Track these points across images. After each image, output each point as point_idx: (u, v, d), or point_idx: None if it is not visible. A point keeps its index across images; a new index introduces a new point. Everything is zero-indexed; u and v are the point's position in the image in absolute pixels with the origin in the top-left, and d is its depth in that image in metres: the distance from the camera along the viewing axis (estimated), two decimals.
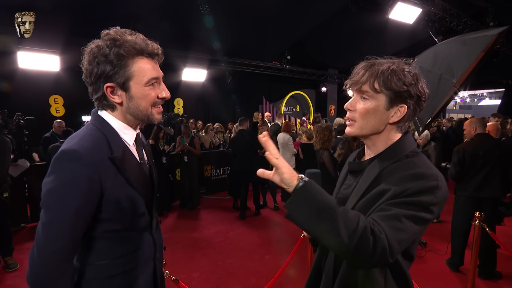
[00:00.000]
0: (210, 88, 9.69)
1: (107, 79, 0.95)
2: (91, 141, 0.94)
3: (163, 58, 1.06)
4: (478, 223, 2.62)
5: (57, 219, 0.87)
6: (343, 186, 1.04)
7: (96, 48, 0.94)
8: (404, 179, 0.82)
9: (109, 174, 0.94)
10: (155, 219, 1.14)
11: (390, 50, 9.25)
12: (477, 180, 3.07)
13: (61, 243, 0.87)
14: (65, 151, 0.89)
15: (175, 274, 1.94)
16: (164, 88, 1.04)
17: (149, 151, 1.21)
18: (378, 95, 0.89)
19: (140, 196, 1.02)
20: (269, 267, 3.27)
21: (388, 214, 0.79)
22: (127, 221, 1.01)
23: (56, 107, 7.25)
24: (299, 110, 12.36)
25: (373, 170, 0.91)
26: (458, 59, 2.68)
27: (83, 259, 0.99)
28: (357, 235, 0.73)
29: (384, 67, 0.88)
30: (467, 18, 7.54)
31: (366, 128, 0.92)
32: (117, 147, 0.98)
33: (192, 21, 6.82)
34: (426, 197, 0.80)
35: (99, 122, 1.00)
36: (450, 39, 2.96)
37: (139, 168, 1.05)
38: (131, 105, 0.99)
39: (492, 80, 12.06)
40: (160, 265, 1.19)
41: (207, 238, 4.27)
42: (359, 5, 6.73)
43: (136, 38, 0.98)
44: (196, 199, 5.58)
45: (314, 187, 0.78)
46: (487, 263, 3.10)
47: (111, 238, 1.00)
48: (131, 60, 0.96)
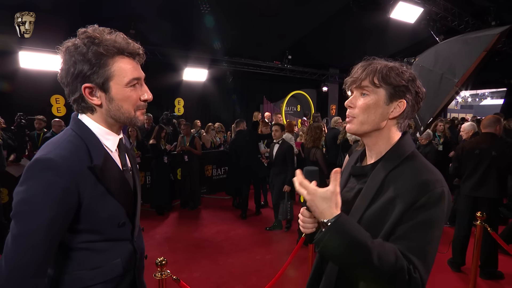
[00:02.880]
0: (211, 88, 9.68)
1: (84, 79, 0.89)
2: (69, 148, 0.88)
3: (145, 59, 1.02)
4: (480, 223, 2.61)
5: (28, 232, 0.80)
6: (345, 189, 1.03)
7: (73, 47, 0.89)
8: (412, 190, 0.82)
9: (87, 184, 0.88)
10: (137, 228, 1.09)
11: (391, 49, 9.24)
12: (473, 179, 3.07)
13: (32, 257, 0.81)
14: (39, 159, 0.83)
15: (176, 273, 1.94)
16: (146, 89, 1.00)
17: (133, 156, 1.16)
18: (378, 90, 0.90)
19: (120, 206, 0.97)
20: (270, 266, 3.27)
21: (412, 245, 0.80)
22: (106, 232, 0.96)
23: (57, 106, 7.25)
24: (300, 110, 12.34)
25: (377, 176, 0.91)
26: (459, 59, 2.68)
27: (59, 267, 0.94)
28: (393, 273, 0.76)
29: (382, 65, 0.91)
30: (469, 18, 7.51)
31: (367, 123, 0.92)
32: (97, 155, 0.92)
33: (193, 21, 6.81)
34: (437, 209, 0.81)
35: (79, 127, 0.95)
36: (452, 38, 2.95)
37: (120, 176, 1.00)
38: (111, 107, 0.94)
39: (494, 79, 12.00)
40: (141, 274, 1.15)
41: (208, 237, 4.27)
42: (360, 5, 6.71)
43: (116, 36, 0.93)
44: (197, 199, 5.59)
45: (347, 222, 0.79)
46: (489, 263, 3.10)
47: (89, 249, 0.95)
48: (111, 60, 0.91)
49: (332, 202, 0.79)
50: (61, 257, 0.94)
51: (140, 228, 1.16)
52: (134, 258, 1.08)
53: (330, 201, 0.79)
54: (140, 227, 1.15)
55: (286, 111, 11.81)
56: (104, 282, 0.97)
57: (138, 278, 1.11)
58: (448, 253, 3.44)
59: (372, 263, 0.75)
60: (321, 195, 0.79)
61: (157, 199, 5.28)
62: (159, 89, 8.24)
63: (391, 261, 0.76)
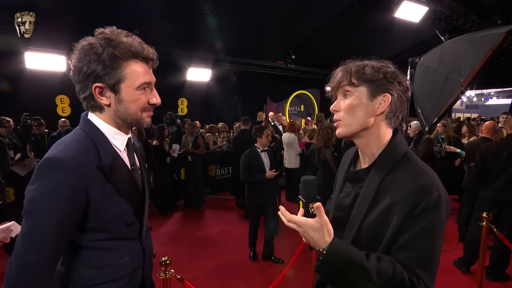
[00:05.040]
0: (215, 88, 9.70)
1: (96, 79, 0.91)
2: (78, 148, 0.89)
3: (158, 64, 1.03)
4: (486, 223, 2.58)
5: (38, 229, 0.82)
6: (341, 194, 1.03)
7: (89, 46, 0.90)
8: (408, 196, 0.82)
9: (96, 184, 0.89)
10: (145, 227, 1.10)
11: (396, 49, 9.19)
12: (499, 182, 2.99)
13: (41, 254, 0.83)
14: (49, 158, 0.85)
15: (180, 273, 1.95)
16: (156, 94, 1.01)
17: (142, 156, 1.17)
18: (358, 89, 0.90)
19: (129, 205, 0.98)
20: (274, 267, 3.26)
21: (415, 256, 0.81)
22: (115, 231, 0.97)
23: (62, 107, 7.32)
24: (304, 110, 12.33)
25: (372, 183, 0.90)
26: (465, 58, 2.65)
27: (68, 265, 0.95)
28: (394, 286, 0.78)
29: (357, 63, 0.92)
30: (475, 16, 7.44)
31: (354, 124, 0.91)
32: (106, 155, 0.93)
33: (197, 21, 6.84)
34: (436, 215, 0.81)
35: (88, 127, 0.96)
36: (457, 37, 2.92)
37: (129, 175, 1.01)
38: (120, 108, 0.95)
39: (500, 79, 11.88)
40: (150, 273, 1.15)
41: (212, 237, 4.28)
42: (365, 4, 6.69)
43: (133, 40, 0.94)
44: (201, 199, 5.60)
45: (341, 247, 0.81)
46: (499, 265, 3.06)
47: (98, 247, 0.96)
48: (125, 63, 0.92)
49: (324, 232, 0.82)
50: (70, 255, 0.95)
51: (148, 227, 1.17)
52: (143, 257, 1.08)
53: (322, 231, 0.81)
54: (148, 226, 1.16)
55: (290, 111, 11.80)
56: (112, 280, 0.98)
57: (147, 277, 1.12)
58: (456, 251, 3.41)
59: (373, 281, 0.77)
60: (312, 227, 0.82)
61: (160, 199, 5.30)
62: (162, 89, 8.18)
63: (390, 277, 0.78)
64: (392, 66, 0.92)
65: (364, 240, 0.88)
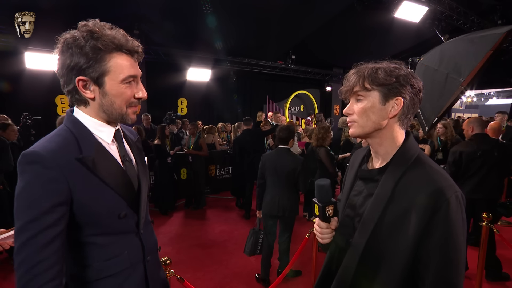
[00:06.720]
0: (214, 88, 9.70)
1: (79, 72, 0.90)
2: (57, 141, 0.89)
3: (143, 57, 1.02)
4: (486, 224, 2.58)
5: (23, 224, 0.82)
6: (352, 192, 1.03)
7: (71, 39, 0.89)
8: (426, 201, 0.82)
9: (78, 176, 0.88)
10: (144, 220, 1.07)
11: (396, 49, 9.19)
12: (473, 181, 3.03)
13: (31, 248, 0.82)
14: (25, 154, 0.85)
15: (180, 273, 1.95)
16: (142, 88, 1.00)
17: (139, 148, 1.14)
18: (371, 93, 0.91)
19: (119, 197, 0.96)
20: (274, 267, 3.26)
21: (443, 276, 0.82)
22: (107, 224, 0.95)
23: (62, 106, 7.32)
24: (304, 110, 12.33)
25: (388, 183, 0.90)
26: (465, 58, 2.65)
27: (65, 263, 0.94)
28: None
29: (370, 67, 0.92)
30: (475, 16, 7.44)
31: (367, 126, 0.93)
32: (87, 147, 0.92)
33: (196, 21, 6.83)
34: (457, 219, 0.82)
35: (71, 121, 0.96)
36: (457, 37, 2.92)
37: (117, 167, 0.99)
38: (104, 102, 0.94)
39: (500, 79, 11.89)
40: (154, 268, 1.11)
41: (212, 237, 4.28)
42: (364, 4, 6.68)
43: (116, 32, 0.93)
44: (202, 199, 5.59)
45: None
46: (491, 265, 3.06)
47: (93, 243, 0.94)
48: (108, 55, 0.91)
49: None
50: (66, 253, 0.94)
51: (150, 220, 1.14)
52: (142, 252, 1.05)
53: None
54: (149, 220, 1.14)
55: (290, 111, 11.81)
56: (112, 275, 0.97)
57: (151, 273, 1.08)
58: None
59: None
60: None
61: (160, 199, 5.30)
62: (162, 89, 8.28)
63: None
64: (405, 68, 0.92)
65: (381, 241, 0.88)
